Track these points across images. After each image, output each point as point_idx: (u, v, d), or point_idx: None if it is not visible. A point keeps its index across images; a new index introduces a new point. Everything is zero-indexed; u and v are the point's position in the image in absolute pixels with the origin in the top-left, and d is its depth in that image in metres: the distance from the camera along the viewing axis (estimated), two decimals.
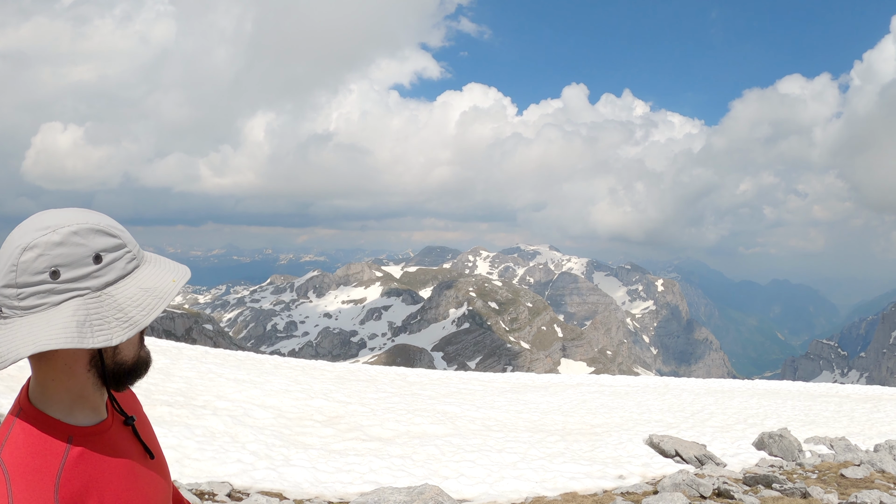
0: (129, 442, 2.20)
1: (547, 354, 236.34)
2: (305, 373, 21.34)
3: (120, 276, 2.01)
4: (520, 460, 11.51)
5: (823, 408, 21.00)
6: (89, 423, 2.09)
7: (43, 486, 1.92)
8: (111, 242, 2.00)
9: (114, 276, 2.00)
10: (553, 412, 18.53)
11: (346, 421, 14.54)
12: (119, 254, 2.01)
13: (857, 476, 10.12)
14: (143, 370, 2.11)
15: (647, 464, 11.58)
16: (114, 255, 2.00)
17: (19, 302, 1.94)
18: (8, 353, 1.89)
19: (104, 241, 1.99)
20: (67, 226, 1.97)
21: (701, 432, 15.07)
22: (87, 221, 1.99)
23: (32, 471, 1.93)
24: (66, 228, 1.96)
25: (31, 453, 1.96)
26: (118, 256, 2.01)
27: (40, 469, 1.94)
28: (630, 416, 18.38)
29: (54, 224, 1.97)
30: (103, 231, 1.99)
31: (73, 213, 2.01)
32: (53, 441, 1.99)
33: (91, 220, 2.00)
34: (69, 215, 2.00)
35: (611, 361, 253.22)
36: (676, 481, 9.26)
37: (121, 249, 2.02)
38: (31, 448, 1.97)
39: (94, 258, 1.97)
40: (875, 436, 15.88)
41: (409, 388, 21.15)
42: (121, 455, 2.13)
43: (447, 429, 14.67)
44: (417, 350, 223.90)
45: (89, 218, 2.01)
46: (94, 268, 1.97)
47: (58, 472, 1.95)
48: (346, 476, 9.86)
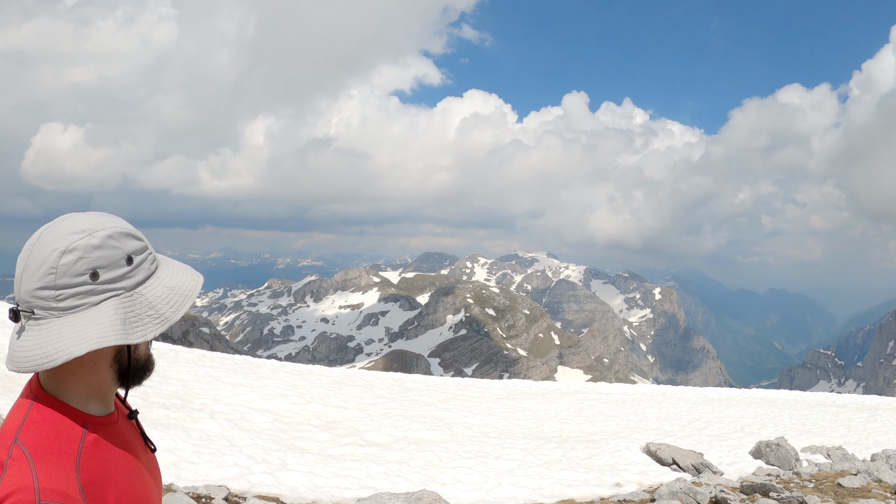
0: (133, 435, 2.34)
1: (544, 362, 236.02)
2: (302, 377, 21.31)
3: (147, 276, 2.18)
4: (517, 467, 11.50)
5: (820, 417, 21.00)
6: (101, 414, 2.21)
7: (65, 466, 2.02)
8: (138, 245, 2.16)
9: (143, 276, 2.16)
10: (550, 419, 18.52)
11: (343, 426, 14.52)
12: (145, 255, 2.18)
13: (854, 485, 10.11)
14: (151, 368, 2.28)
15: (643, 472, 11.57)
16: (141, 256, 2.16)
17: (57, 303, 2.05)
18: (59, 353, 2.01)
19: (133, 243, 2.15)
20: (102, 230, 2.10)
21: (698, 441, 15.07)
22: (118, 226, 2.14)
23: (53, 452, 2.02)
24: (102, 232, 2.10)
25: (51, 435, 2.05)
26: (145, 258, 2.18)
27: (61, 450, 2.04)
28: (627, 424, 18.37)
29: (90, 228, 2.09)
30: (132, 235, 2.15)
31: (103, 218, 2.15)
32: (71, 426, 2.11)
33: (120, 224, 2.15)
34: (100, 219, 2.14)
35: (608, 369, 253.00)
36: (673, 489, 9.26)
37: (146, 251, 2.18)
38: (51, 431, 2.06)
39: (127, 260, 2.12)
40: (872, 445, 15.88)
41: (406, 393, 21.13)
42: (128, 446, 2.27)
43: (444, 435, 14.66)
44: (414, 356, 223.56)
45: (118, 223, 2.16)
46: (127, 269, 2.12)
47: (77, 454, 2.06)
48: (343, 481, 9.84)
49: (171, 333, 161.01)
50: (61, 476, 1.99)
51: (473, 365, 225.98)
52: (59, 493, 1.97)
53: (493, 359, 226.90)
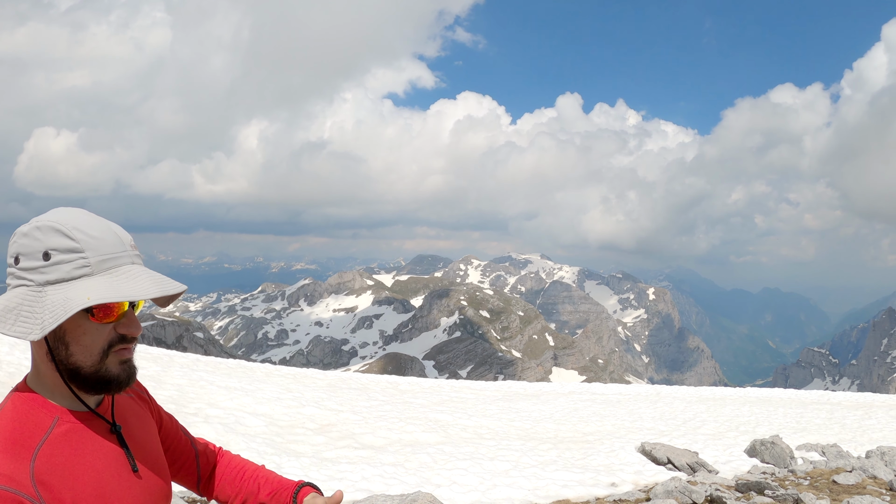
0: (115, 447, 2.25)
1: (538, 363, 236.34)
2: (297, 381, 21.28)
3: (62, 278, 2.07)
4: (512, 468, 11.48)
5: (815, 415, 21.04)
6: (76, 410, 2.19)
7: (20, 453, 2.01)
8: (65, 244, 2.07)
9: (55, 277, 2.07)
10: (545, 420, 18.52)
11: (338, 429, 14.49)
12: (69, 257, 2.07)
13: (848, 482, 10.12)
14: (108, 384, 2.16)
15: (639, 471, 11.57)
16: (63, 256, 2.07)
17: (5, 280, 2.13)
18: None
19: (58, 240, 2.07)
20: (38, 221, 2.10)
21: (693, 440, 15.08)
22: (55, 220, 2.09)
23: (13, 440, 2.03)
24: (35, 222, 2.10)
25: (16, 424, 2.07)
26: (67, 259, 2.07)
27: (21, 439, 2.04)
28: (622, 424, 18.38)
29: (37, 218, 2.12)
30: (61, 231, 2.07)
31: (58, 212, 2.13)
32: (40, 416, 2.11)
33: (61, 219, 2.10)
34: (54, 213, 2.13)
35: (602, 370, 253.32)
36: (669, 488, 9.25)
37: (74, 253, 2.08)
38: (18, 419, 2.08)
39: (44, 255, 2.06)
40: (866, 442, 15.91)
41: (401, 396, 21.11)
42: (105, 452, 2.20)
43: (439, 437, 14.64)
44: (409, 359, 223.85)
45: (61, 217, 2.11)
46: (41, 263, 2.07)
47: (38, 445, 2.05)
48: (339, 484, 9.82)
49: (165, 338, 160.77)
50: (13, 463, 1.99)
51: (468, 367, 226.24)
52: (8, 478, 1.97)
53: (488, 361, 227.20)
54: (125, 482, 2.22)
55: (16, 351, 15.56)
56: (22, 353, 15.45)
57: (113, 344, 2.14)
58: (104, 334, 2.13)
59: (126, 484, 2.22)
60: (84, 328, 2.10)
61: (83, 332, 2.10)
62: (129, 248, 2.18)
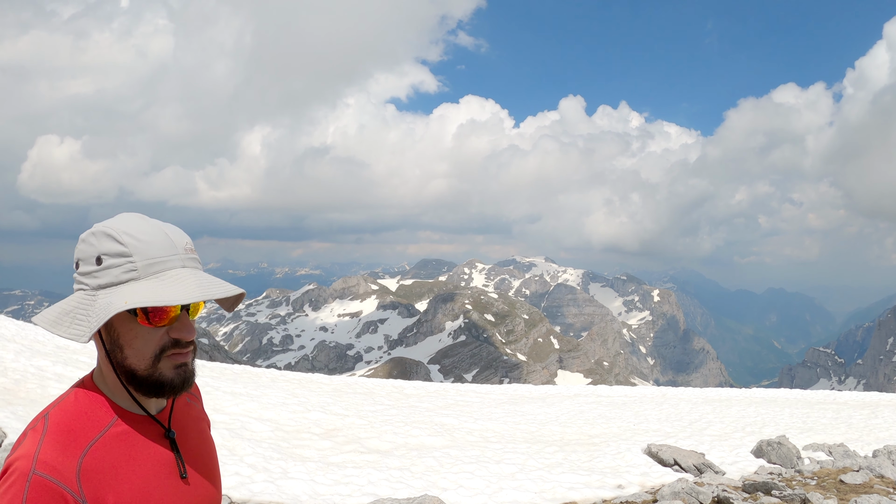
0: (166, 452, 2.28)
1: (543, 366, 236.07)
2: (302, 386, 21.28)
3: (111, 282, 2.12)
4: (518, 471, 11.48)
5: (821, 415, 20.99)
6: (135, 412, 2.25)
7: (72, 448, 2.07)
8: (115, 249, 2.12)
9: (106, 281, 2.12)
10: (551, 423, 18.49)
11: (344, 433, 14.49)
12: (118, 261, 2.12)
13: (856, 481, 10.10)
14: (161, 388, 2.20)
15: (645, 473, 11.55)
16: (113, 260, 2.12)
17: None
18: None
19: (109, 245, 2.13)
20: (96, 226, 2.18)
21: (699, 441, 15.05)
22: (109, 225, 2.16)
23: (69, 432, 2.09)
24: (93, 228, 2.17)
25: (74, 418, 2.13)
26: (116, 264, 2.12)
27: (76, 434, 2.10)
28: (628, 426, 18.35)
29: (97, 223, 2.19)
30: (112, 236, 2.13)
31: (117, 217, 2.21)
32: (99, 415, 2.17)
33: (114, 224, 2.17)
34: (114, 218, 2.21)
35: (608, 372, 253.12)
36: (675, 490, 9.24)
37: (122, 258, 2.12)
38: (76, 414, 2.14)
39: (97, 259, 2.13)
40: (873, 442, 15.87)
41: (407, 400, 21.10)
42: (155, 457, 2.24)
43: (445, 440, 14.63)
44: (414, 363, 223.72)
45: (116, 222, 2.18)
46: (94, 268, 2.13)
47: (91, 442, 2.10)
48: (345, 488, 9.82)
49: None
50: (62, 455, 2.03)
51: (473, 371, 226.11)
52: (54, 469, 2.00)
53: (493, 364, 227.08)
54: (171, 488, 2.24)
55: (21, 358, 15.58)
56: (28, 361, 15.47)
57: (166, 348, 2.18)
58: (156, 338, 2.16)
59: (172, 490, 2.24)
60: (136, 332, 2.15)
61: (135, 336, 2.15)
62: (183, 251, 2.20)
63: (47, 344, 19.29)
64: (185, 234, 2.27)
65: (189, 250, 2.23)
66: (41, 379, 14.37)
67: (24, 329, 20.83)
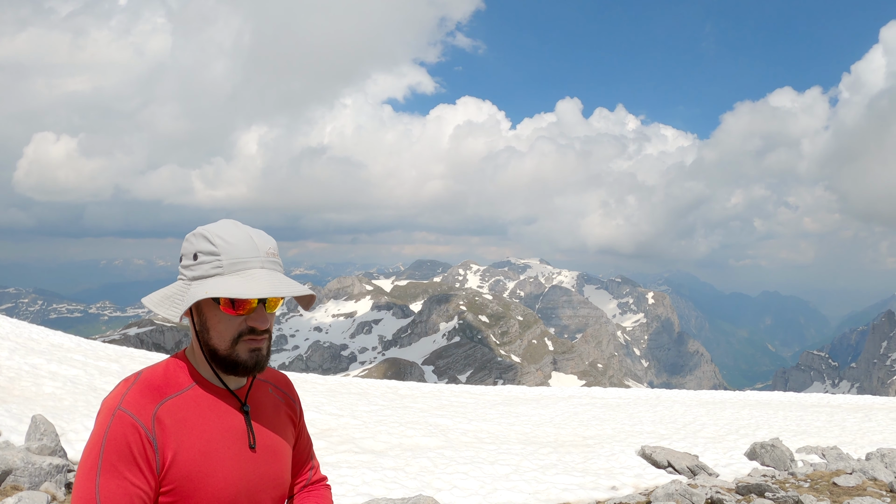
0: (239, 423, 2.67)
1: (538, 368, 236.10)
2: (297, 386, 21.18)
3: (202, 275, 2.55)
4: (513, 472, 11.49)
5: (815, 418, 21.03)
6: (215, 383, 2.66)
7: (152, 397, 2.52)
8: (208, 248, 2.56)
9: (198, 274, 2.56)
10: (545, 424, 18.51)
11: (339, 433, 14.50)
12: (209, 258, 2.55)
13: (849, 484, 10.13)
14: (236, 366, 2.61)
15: (639, 475, 11.57)
16: (206, 257, 2.55)
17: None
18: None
19: (204, 245, 2.57)
20: (198, 229, 2.61)
21: (693, 443, 15.06)
22: (206, 228, 2.60)
23: (152, 387, 2.54)
24: (195, 230, 2.61)
25: (161, 377, 2.59)
26: (207, 260, 2.55)
27: (159, 388, 2.56)
28: (622, 428, 18.37)
29: (200, 227, 2.62)
30: (206, 238, 2.57)
31: (216, 223, 2.64)
32: (182, 378, 2.62)
33: (211, 227, 2.61)
34: (214, 224, 2.63)
35: (602, 374, 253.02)
36: (669, 491, 9.26)
37: (212, 255, 2.55)
38: (164, 374, 2.61)
39: (194, 256, 2.58)
40: (866, 445, 15.90)
41: (401, 400, 21.11)
42: (226, 424, 2.64)
43: (439, 441, 14.64)
44: (408, 364, 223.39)
45: (212, 226, 2.61)
46: (192, 262, 2.58)
47: (169, 396, 2.55)
48: (340, 488, 9.82)
49: (164, 344, 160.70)
50: (144, 400, 2.49)
51: (467, 372, 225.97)
52: (135, 407, 2.47)
53: (487, 366, 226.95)
54: (239, 454, 2.63)
55: (15, 356, 15.56)
56: (22, 359, 15.46)
57: (243, 333, 2.58)
58: (235, 325, 2.57)
59: (238, 456, 2.63)
60: (219, 317, 2.57)
61: (218, 321, 2.57)
62: (265, 254, 2.60)
63: (41, 342, 19.27)
64: (272, 239, 2.69)
65: (271, 254, 2.63)
66: (35, 377, 14.36)
67: (19, 327, 20.80)
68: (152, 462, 2.45)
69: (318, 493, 3.04)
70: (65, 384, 14.37)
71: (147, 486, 2.45)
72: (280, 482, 2.75)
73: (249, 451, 2.65)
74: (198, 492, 2.51)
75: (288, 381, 2.99)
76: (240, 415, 2.67)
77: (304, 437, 3.05)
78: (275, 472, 2.73)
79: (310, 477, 3.05)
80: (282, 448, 2.79)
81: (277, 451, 2.76)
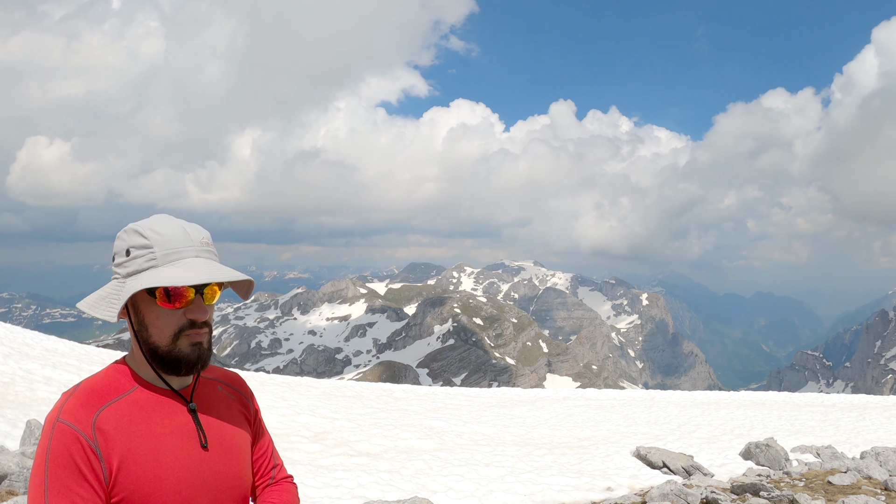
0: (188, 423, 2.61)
1: (532, 370, 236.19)
2: (291, 389, 21.25)
3: (136, 270, 2.50)
4: (508, 474, 11.49)
5: (809, 417, 21.08)
6: (156, 384, 2.59)
7: (92, 405, 2.46)
8: (140, 242, 2.50)
9: (132, 269, 2.50)
10: (540, 426, 18.52)
11: (334, 437, 14.49)
12: (142, 252, 2.50)
13: (843, 483, 10.15)
14: (178, 363, 2.54)
15: (634, 475, 11.59)
16: (138, 252, 2.50)
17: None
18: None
19: (136, 239, 2.51)
20: (128, 225, 2.56)
21: (688, 444, 15.09)
22: (137, 223, 2.55)
23: (92, 394, 2.49)
24: (127, 227, 2.56)
25: (100, 383, 2.53)
26: (140, 254, 2.50)
27: (98, 394, 2.50)
28: (617, 429, 18.39)
29: (132, 223, 2.56)
30: (138, 232, 2.51)
31: (150, 218, 2.59)
32: (122, 383, 2.55)
33: (142, 222, 2.55)
34: (146, 219, 2.58)
35: (596, 376, 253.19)
36: (664, 492, 9.28)
37: (145, 248, 2.50)
38: (103, 381, 2.55)
39: (126, 252, 2.52)
40: (861, 443, 15.94)
41: (396, 403, 21.11)
42: (174, 424, 2.57)
43: (434, 443, 14.64)
44: (403, 367, 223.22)
45: (144, 221, 2.56)
46: (125, 259, 2.52)
47: (109, 402, 2.49)
48: (335, 491, 9.82)
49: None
50: (83, 409, 2.44)
51: (462, 374, 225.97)
52: (74, 417, 2.42)
53: (482, 368, 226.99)
54: (190, 454, 2.56)
55: (9, 361, 15.52)
56: (16, 364, 15.42)
57: (183, 328, 2.52)
58: (175, 319, 2.51)
59: (190, 456, 2.56)
60: (157, 313, 2.51)
61: (157, 317, 2.51)
62: (199, 244, 2.56)
63: (35, 347, 19.23)
64: (205, 230, 2.64)
65: (205, 244, 2.58)
66: (30, 382, 14.33)
67: (13, 332, 20.74)
68: (99, 472, 2.40)
69: (282, 486, 2.91)
70: (59, 389, 14.34)
71: (97, 499, 2.40)
72: (239, 481, 2.69)
73: (202, 451, 2.58)
74: (151, 496, 2.46)
75: (240, 378, 2.91)
76: (188, 414, 2.60)
77: (264, 435, 2.94)
78: (232, 470, 2.66)
79: (274, 475, 2.92)
80: (237, 445, 2.72)
81: (233, 449, 2.69)
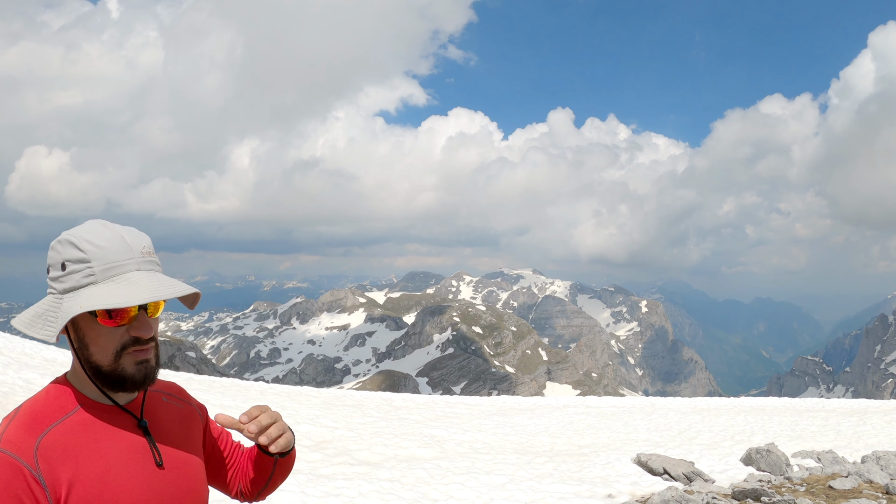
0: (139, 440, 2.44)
1: (532, 378, 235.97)
2: (291, 399, 21.23)
3: (73, 286, 2.31)
4: (508, 482, 11.47)
5: (810, 422, 21.07)
6: (101, 402, 2.42)
7: (33, 430, 2.27)
8: (76, 255, 2.31)
9: (69, 286, 2.31)
10: (540, 434, 18.50)
11: (334, 446, 14.45)
12: (79, 267, 2.31)
13: (845, 487, 10.14)
14: (124, 382, 2.37)
15: (635, 482, 11.58)
16: (75, 266, 2.31)
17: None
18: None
19: (71, 252, 2.32)
20: (62, 234, 2.35)
21: (688, 450, 15.09)
22: (72, 233, 2.35)
23: (32, 418, 2.30)
24: (59, 236, 2.35)
25: (40, 406, 2.35)
26: (77, 269, 2.31)
27: (39, 418, 2.31)
28: (617, 437, 18.37)
29: (65, 231, 2.37)
30: (73, 244, 2.31)
31: (81, 225, 2.38)
32: (64, 403, 2.36)
33: (76, 231, 2.35)
34: (79, 226, 2.38)
35: (596, 384, 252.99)
36: (665, 498, 9.26)
37: (82, 263, 2.31)
38: (44, 402, 2.36)
39: (62, 266, 2.33)
40: (862, 448, 15.94)
41: (396, 412, 21.08)
42: (124, 443, 2.40)
43: (435, 452, 14.61)
44: (402, 376, 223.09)
45: (78, 229, 2.36)
46: (60, 273, 2.33)
47: (52, 425, 2.30)
48: (335, 500, 9.79)
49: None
50: (24, 434, 2.25)
51: (462, 383, 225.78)
52: (14, 445, 2.22)
53: (482, 377, 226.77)
54: (144, 474, 2.39)
55: (9, 371, 15.50)
56: (16, 373, 15.39)
57: (127, 345, 2.34)
58: (117, 337, 2.33)
59: (144, 476, 2.39)
60: (98, 331, 2.32)
61: (98, 335, 2.32)
62: (139, 254, 2.36)
63: (35, 356, 19.21)
64: (146, 236, 2.43)
65: (146, 253, 2.38)
66: (29, 392, 14.29)
67: (12, 342, 20.72)
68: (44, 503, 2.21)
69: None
70: None
71: None
72: (198, 495, 2.55)
73: (157, 469, 2.42)
74: None
75: (179, 387, 2.75)
76: (138, 431, 2.44)
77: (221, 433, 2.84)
78: (189, 486, 2.52)
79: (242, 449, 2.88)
80: (193, 460, 2.59)
81: (189, 464, 2.55)
